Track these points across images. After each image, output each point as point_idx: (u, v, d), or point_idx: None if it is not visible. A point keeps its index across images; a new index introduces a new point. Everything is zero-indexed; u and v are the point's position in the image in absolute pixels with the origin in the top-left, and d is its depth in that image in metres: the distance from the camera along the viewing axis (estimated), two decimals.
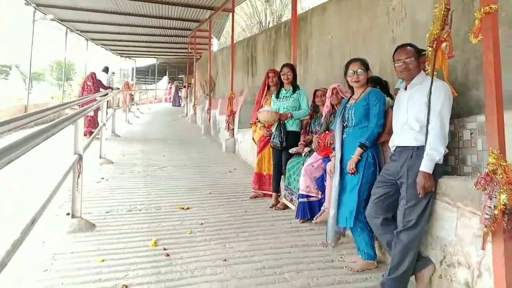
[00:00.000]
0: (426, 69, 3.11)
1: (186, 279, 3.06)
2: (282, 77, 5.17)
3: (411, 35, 4.42)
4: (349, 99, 3.53)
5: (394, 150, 3.09)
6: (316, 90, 5.04)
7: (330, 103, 4.51)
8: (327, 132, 4.40)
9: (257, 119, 5.28)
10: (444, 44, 2.94)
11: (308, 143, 4.83)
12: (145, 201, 5.19)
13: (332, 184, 3.40)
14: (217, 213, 4.78)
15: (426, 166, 2.76)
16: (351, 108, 3.40)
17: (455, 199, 2.67)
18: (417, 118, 2.93)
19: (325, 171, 4.22)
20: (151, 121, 16.50)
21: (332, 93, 4.48)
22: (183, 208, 4.92)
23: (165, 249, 3.64)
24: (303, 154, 4.80)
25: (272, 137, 5.08)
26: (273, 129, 5.16)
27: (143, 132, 12.70)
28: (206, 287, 2.94)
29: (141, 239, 3.91)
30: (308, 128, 5.07)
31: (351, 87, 3.51)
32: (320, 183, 4.34)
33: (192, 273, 3.17)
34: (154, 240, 3.84)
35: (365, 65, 3.38)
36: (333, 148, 3.57)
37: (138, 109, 19.44)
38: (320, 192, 4.40)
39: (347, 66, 3.45)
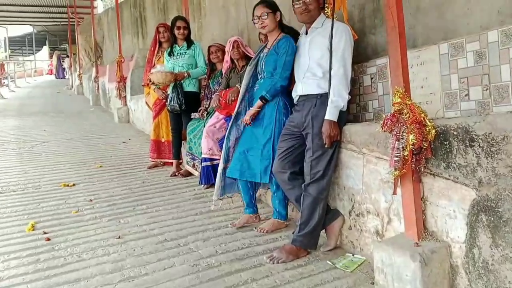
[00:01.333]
0: (326, 11, 2.95)
1: (72, 264, 2.60)
2: (175, 32, 4.68)
3: None
4: (263, 48, 3.24)
5: (298, 100, 2.91)
6: (210, 46, 4.67)
7: (230, 58, 4.19)
8: (227, 89, 4.10)
9: (149, 80, 4.76)
10: None
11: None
12: (20, 181, 4.46)
13: (228, 135, 3.21)
14: (110, 187, 4.28)
15: (331, 113, 2.63)
16: (264, 58, 3.13)
17: (360, 146, 2.59)
18: (319, 63, 2.77)
19: (228, 131, 3.95)
20: (30, 95, 14.67)
21: (233, 46, 4.15)
22: (67, 185, 4.31)
23: (45, 233, 3.10)
24: (202, 117, 4.46)
25: (168, 100, 4.64)
26: (169, 90, 4.71)
27: (20, 106, 11.18)
28: (97, 270, 2.52)
29: (14, 223, 3.30)
30: (206, 90, 4.71)
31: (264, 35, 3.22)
32: (222, 143, 4.07)
33: (79, 256, 2.72)
34: (31, 223, 3.25)
35: (270, 7, 3.08)
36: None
37: (13, 81, 17.11)
38: None
39: (253, 11, 3.14)
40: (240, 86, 3.93)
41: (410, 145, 2.12)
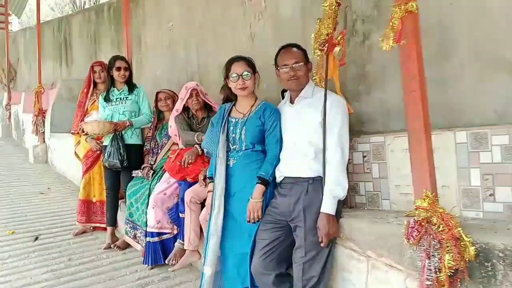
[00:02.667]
0: (314, 78, 2.53)
1: None
2: (114, 73, 3.99)
3: (273, 32, 3.86)
4: (230, 109, 2.70)
5: (282, 181, 2.42)
6: (158, 93, 4.04)
7: (185, 106, 3.60)
8: (182, 150, 3.49)
9: (82, 129, 3.98)
10: (337, 49, 2.41)
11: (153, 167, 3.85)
12: None
13: (210, 230, 2.51)
14: (25, 269, 3.37)
15: (329, 206, 2.18)
16: (239, 125, 2.59)
17: (364, 247, 2.15)
18: (310, 141, 2.32)
19: (181, 199, 3.32)
20: None
21: (191, 94, 3.58)
22: None
23: None
24: (147, 178, 3.77)
25: (106, 154, 3.88)
26: (106, 142, 3.97)
27: None
28: None
29: None
30: (152, 143, 4.03)
31: (234, 95, 2.68)
32: (175, 214, 3.43)
33: None
34: None
35: (252, 67, 2.61)
36: (209, 177, 2.70)
37: None
38: (175, 227, 3.48)
39: (228, 66, 2.62)
40: (200, 147, 3.38)
41: (446, 268, 1.70)
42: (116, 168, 3.88)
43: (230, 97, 3.21)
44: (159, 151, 3.97)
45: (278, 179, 2.45)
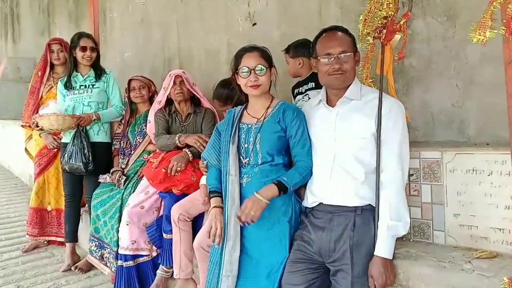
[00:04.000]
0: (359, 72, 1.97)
1: None
2: (78, 54, 3.24)
3: (279, 11, 3.23)
4: (241, 113, 2.10)
5: (315, 208, 1.86)
6: (131, 80, 3.35)
7: (168, 98, 2.95)
8: (168, 153, 2.83)
9: (35, 123, 3.20)
10: (397, 36, 1.84)
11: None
12: None
13: (222, 269, 1.91)
14: None
15: (386, 248, 1.68)
16: (252, 132, 2.01)
17: None
18: (358, 157, 1.79)
19: (166, 217, 2.70)
20: None
21: (175, 82, 2.93)
22: None
23: None
24: (118, 186, 3.08)
25: (66, 155, 3.15)
26: (66, 139, 3.25)
27: None
28: None
29: None
30: (123, 141, 3.33)
31: (245, 95, 2.07)
32: (156, 234, 2.79)
33: None
34: None
35: (267, 59, 2.01)
36: (211, 191, 2.09)
37: None
38: (154, 248, 2.84)
39: (237, 58, 2.03)
40: (189, 152, 2.75)
41: None
42: (79, 172, 3.16)
43: (229, 96, 2.59)
44: (132, 152, 3.29)
45: (311, 204, 1.88)
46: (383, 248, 1.66)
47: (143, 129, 3.30)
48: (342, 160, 1.80)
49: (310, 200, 1.89)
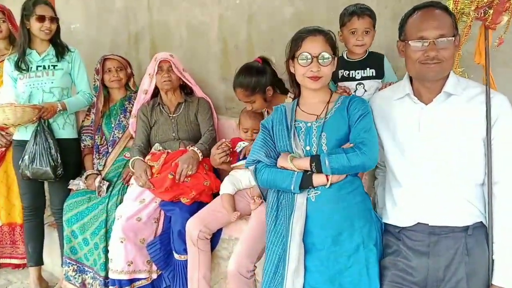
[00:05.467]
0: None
1: None
2: (33, 25, 2.54)
3: None
4: (293, 110, 1.70)
5: (411, 227, 1.55)
6: (105, 59, 2.74)
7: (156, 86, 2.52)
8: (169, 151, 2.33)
9: None
10: (505, 18, 1.55)
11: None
12: None
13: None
14: None
15: (508, 276, 1.44)
16: (313, 131, 1.63)
17: None
18: (465, 166, 1.53)
19: (179, 233, 2.23)
20: None
21: (161, 68, 2.50)
22: None
23: None
24: (99, 193, 2.50)
25: (27, 158, 2.49)
26: (22, 135, 2.58)
27: None
28: None
29: None
30: (97, 136, 2.73)
31: (297, 85, 1.67)
32: (159, 253, 2.30)
33: None
34: None
35: (333, 46, 1.64)
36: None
37: None
38: (155, 268, 2.34)
39: (297, 41, 1.63)
40: (198, 151, 2.32)
41: None
42: (45, 178, 2.52)
43: (258, 84, 2.13)
44: (109, 150, 2.70)
45: (403, 224, 1.56)
46: (503, 276, 1.41)
47: (122, 120, 2.74)
48: (445, 169, 1.50)
49: (401, 218, 1.56)
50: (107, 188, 2.51)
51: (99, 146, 2.72)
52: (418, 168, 1.54)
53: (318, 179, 1.54)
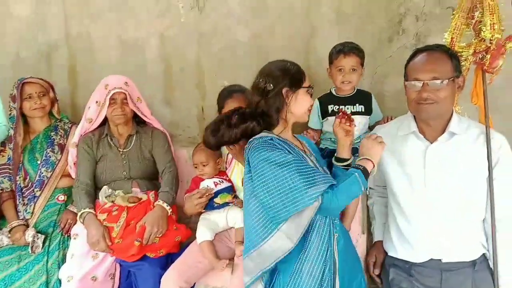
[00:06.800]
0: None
1: None
2: None
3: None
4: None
5: (420, 264, 1.58)
6: (24, 84, 2.33)
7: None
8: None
9: None
10: (500, 62, 1.67)
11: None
12: None
13: None
14: None
15: None
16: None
17: None
18: (470, 202, 1.65)
19: (129, 285, 1.96)
20: None
21: (114, 100, 2.20)
22: None
23: None
24: (33, 250, 2.06)
25: None
26: None
27: None
28: None
29: None
30: (21, 177, 2.25)
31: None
32: None
33: None
34: None
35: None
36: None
37: None
38: None
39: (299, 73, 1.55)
40: (166, 205, 2.06)
41: None
42: None
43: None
44: (36, 193, 2.23)
45: (415, 259, 1.58)
46: None
47: (49, 156, 2.29)
48: (453, 205, 1.58)
49: (413, 253, 1.61)
50: (43, 243, 2.06)
51: (23, 189, 2.22)
52: (426, 204, 1.58)
53: (367, 164, 1.46)
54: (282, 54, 1.63)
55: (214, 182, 2.05)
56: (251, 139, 1.45)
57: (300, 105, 1.52)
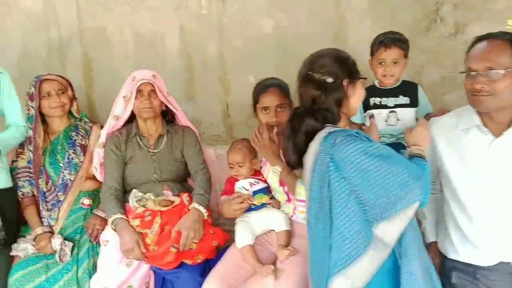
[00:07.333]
0: None
1: None
2: None
3: None
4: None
5: (487, 267, 1.50)
6: (42, 81, 2.17)
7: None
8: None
9: None
10: None
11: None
12: None
13: None
14: None
15: None
16: None
17: None
18: None
19: None
20: None
21: (140, 92, 2.07)
22: None
23: None
24: (61, 259, 1.95)
25: None
26: None
27: None
28: None
29: None
30: (43, 181, 2.12)
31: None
32: None
33: None
34: None
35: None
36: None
37: None
38: None
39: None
40: (202, 208, 1.96)
41: None
42: None
43: None
44: (59, 198, 2.11)
45: (482, 263, 1.50)
46: None
47: (71, 157, 2.17)
48: None
49: (479, 256, 1.50)
50: (71, 250, 1.95)
51: (46, 193, 2.10)
52: (491, 202, 1.49)
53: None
54: (309, 46, 1.53)
55: (249, 182, 1.95)
56: (325, 135, 1.32)
57: (358, 98, 1.45)
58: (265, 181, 1.97)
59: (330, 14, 2.34)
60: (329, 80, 1.36)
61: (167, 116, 2.22)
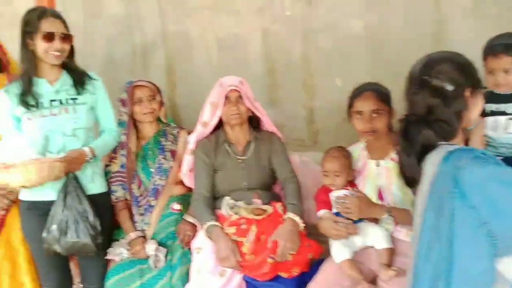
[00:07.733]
0: None
1: None
2: (41, 47, 1.85)
3: None
4: None
5: None
6: (134, 87, 2.19)
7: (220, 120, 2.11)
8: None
9: None
10: None
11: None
12: None
13: None
14: None
15: None
16: None
17: None
18: None
19: None
20: None
21: (228, 99, 2.03)
22: None
23: None
24: (155, 264, 1.95)
25: (56, 228, 1.86)
26: (40, 195, 1.90)
27: None
28: None
29: None
30: (136, 186, 2.15)
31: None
32: None
33: None
34: None
35: None
36: None
37: None
38: None
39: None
40: (299, 219, 1.89)
41: None
42: (83, 253, 1.89)
43: None
44: (150, 203, 2.12)
45: None
46: None
47: (162, 163, 2.18)
48: None
49: None
50: (166, 255, 1.97)
51: (138, 198, 2.13)
52: None
53: None
54: (402, 49, 1.40)
55: (344, 194, 1.86)
56: (445, 155, 1.20)
57: (478, 110, 1.29)
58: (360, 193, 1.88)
59: (428, 12, 2.19)
60: (449, 88, 1.24)
61: (253, 122, 2.18)
